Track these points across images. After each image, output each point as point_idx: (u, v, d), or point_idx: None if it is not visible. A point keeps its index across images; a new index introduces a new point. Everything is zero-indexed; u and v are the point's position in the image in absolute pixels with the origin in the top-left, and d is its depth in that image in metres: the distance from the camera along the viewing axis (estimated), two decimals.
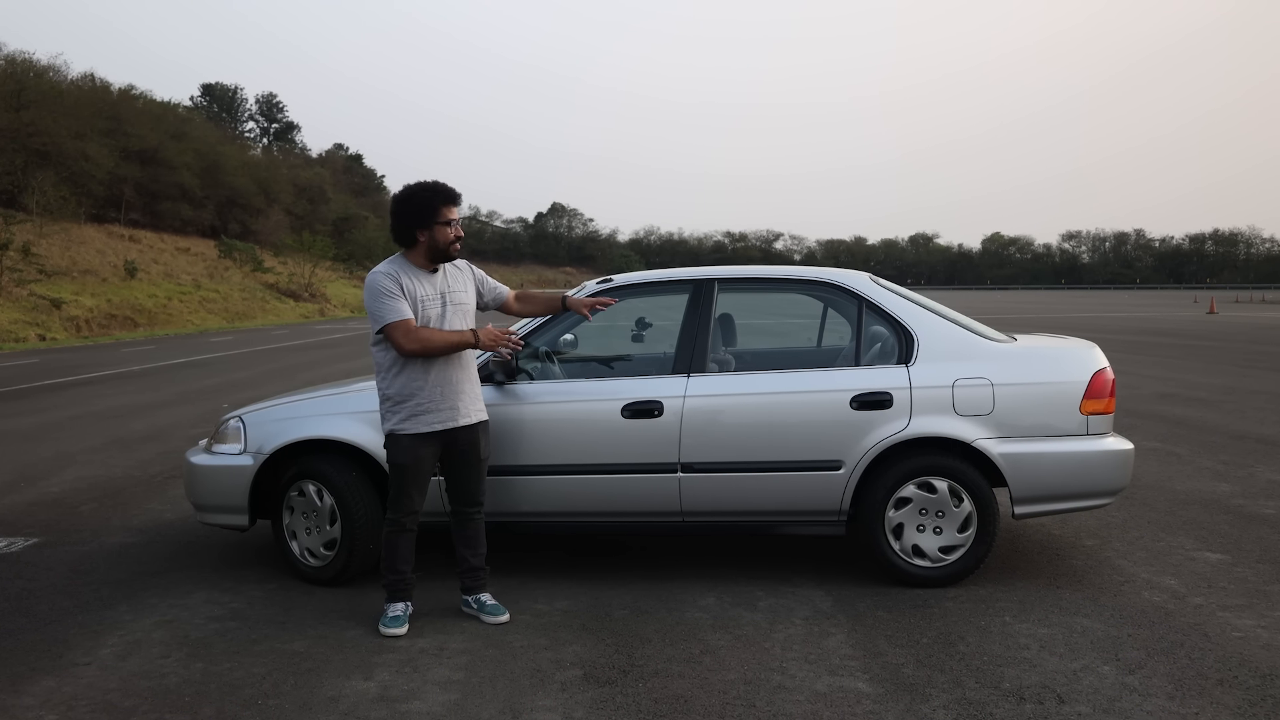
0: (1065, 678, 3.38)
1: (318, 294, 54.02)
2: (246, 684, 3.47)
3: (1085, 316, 34.78)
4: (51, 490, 6.91)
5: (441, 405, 3.95)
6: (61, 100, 45.05)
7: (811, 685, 3.36)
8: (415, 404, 3.94)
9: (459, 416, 3.99)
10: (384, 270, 3.97)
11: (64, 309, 30.44)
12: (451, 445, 4.03)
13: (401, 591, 4.06)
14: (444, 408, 3.95)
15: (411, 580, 4.09)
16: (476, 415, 4.08)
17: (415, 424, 3.94)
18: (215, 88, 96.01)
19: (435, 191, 3.97)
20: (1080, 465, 4.34)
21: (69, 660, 3.73)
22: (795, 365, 4.94)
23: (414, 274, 3.98)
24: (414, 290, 3.94)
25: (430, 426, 3.95)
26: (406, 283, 3.93)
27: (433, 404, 3.94)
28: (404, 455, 3.96)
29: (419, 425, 3.94)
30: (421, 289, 3.96)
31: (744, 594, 4.36)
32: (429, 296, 3.97)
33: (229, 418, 4.82)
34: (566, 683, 3.44)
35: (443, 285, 4.04)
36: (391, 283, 3.91)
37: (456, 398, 3.98)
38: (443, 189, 3.99)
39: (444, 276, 4.07)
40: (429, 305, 3.96)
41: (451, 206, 3.98)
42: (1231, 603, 4.11)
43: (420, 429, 3.94)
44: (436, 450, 4.02)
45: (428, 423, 3.95)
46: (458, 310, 4.04)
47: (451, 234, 3.97)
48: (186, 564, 5.00)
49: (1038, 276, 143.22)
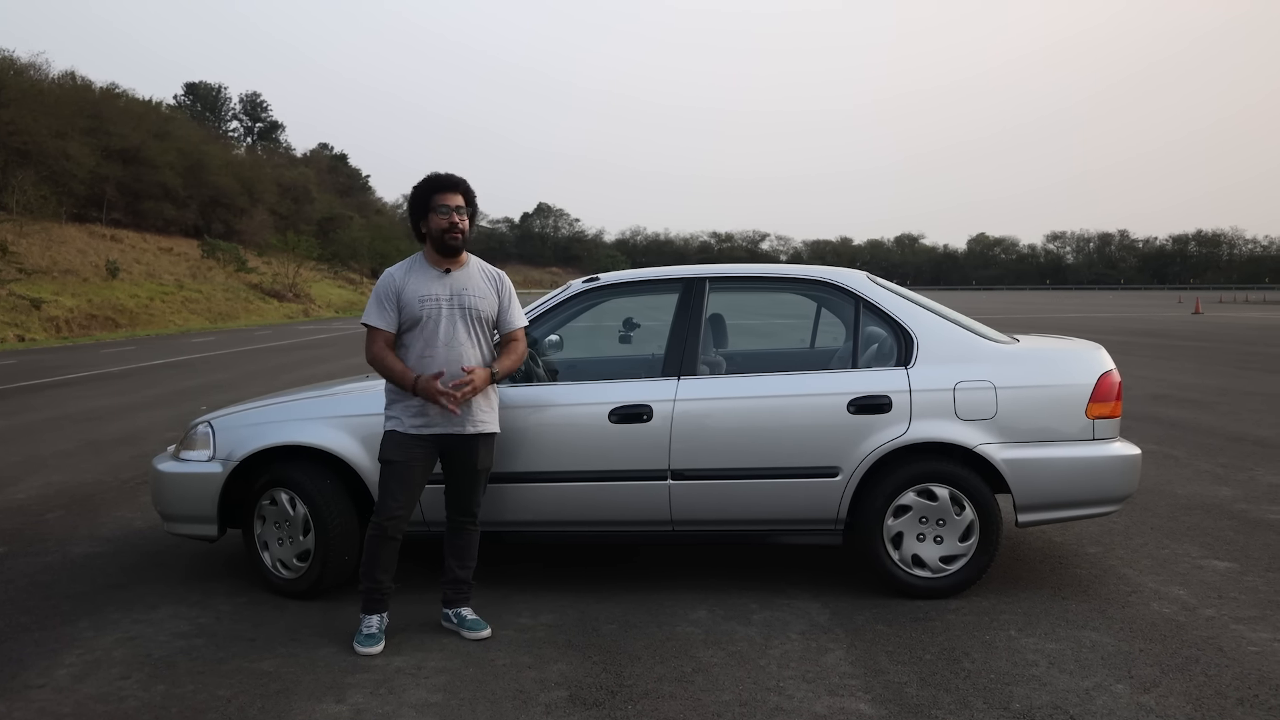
0: (1077, 697, 3.20)
1: (302, 294, 53.62)
2: (210, 708, 3.26)
3: (1072, 317, 34.77)
4: (18, 496, 6.66)
5: (436, 410, 3.77)
6: (42, 99, 44.51)
7: (810, 707, 3.18)
8: (411, 405, 3.81)
9: (453, 424, 3.80)
10: (393, 269, 3.95)
11: (44, 309, 30.03)
12: (450, 453, 3.87)
13: (377, 603, 3.86)
14: (437, 413, 3.77)
15: (389, 591, 3.89)
16: (476, 427, 3.85)
17: (409, 424, 3.80)
18: (199, 87, 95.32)
19: (428, 180, 3.90)
20: (1086, 471, 4.17)
21: (22, 682, 3.51)
22: (789, 367, 4.76)
23: (423, 272, 3.87)
24: (416, 290, 3.81)
25: (424, 429, 3.79)
26: (412, 282, 3.83)
27: (428, 407, 3.78)
28: (394, 451, 3.80)
29: (413, 426, 3.79)
30: (425, 288, 3.82)
31: (737, 607, 4.17)
32: (431, 296, 3.80)
33: (197, 423, 4.60)
34: (551, 704, 3.24)
35: (455, 287, 3.85)
36: (388, 286, 3.85)
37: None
38: (435, 177, 3.89)
39: (460, 279, 3.87)
40: (428, 305, 3.79)
41: (444, 194, 3.83)
42: (1244, 614, 3.95)
43: (413, 430, 3.79)
44: (431, 455, 3.85)
45: (421, 425, 3.79)
46: (465, 315, 3.83)
47: (444, 221, 3.80)
48: (153, 576, 4.78)
49: (1022, 277, 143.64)
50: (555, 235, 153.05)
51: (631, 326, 5.58)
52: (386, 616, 3.89)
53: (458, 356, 3.79)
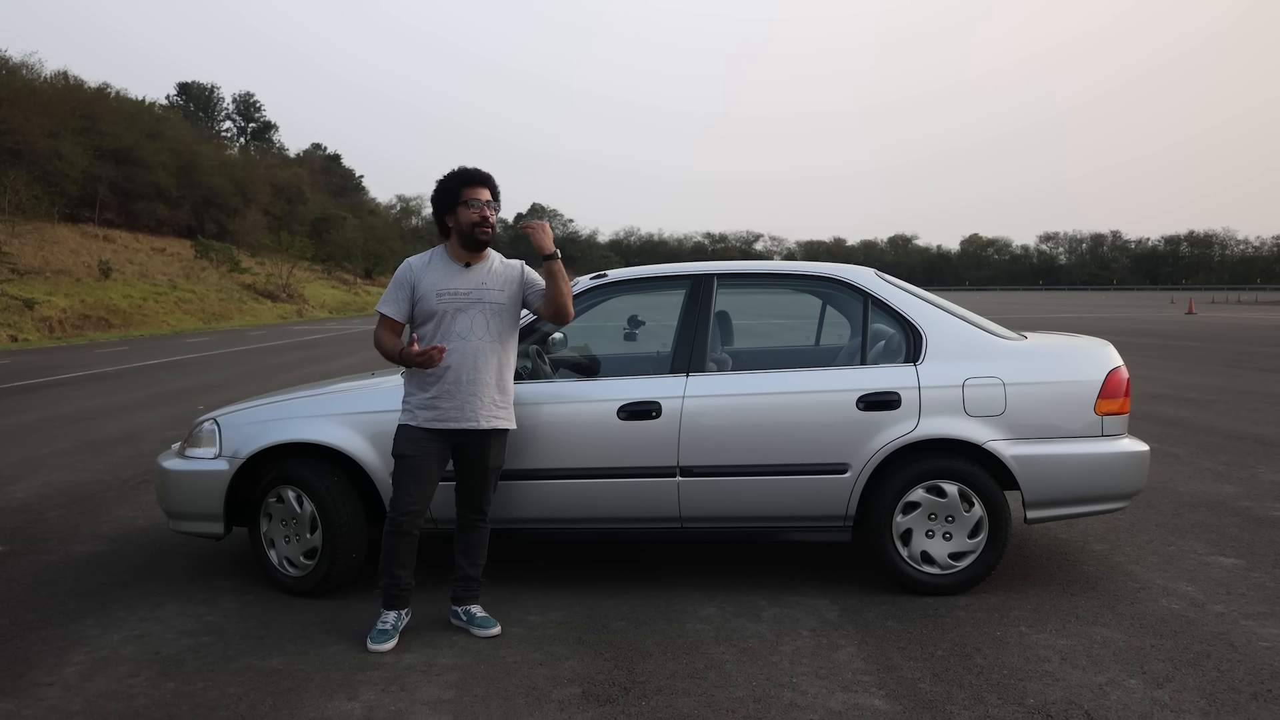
0: (1091, 693, 3.20)
1: (296, 295, 53.49)
2: (221, 705, 3.24)
3: (1067, 317, 34.85)
4: (18, 496, 6.63)
5: (449, 404, 3.77)
6: (34, 98, 44.38)
7: (825, 703, 3.17)
8: (424, 398, 3.80)
9: (465, 419, 3.78)
10: (413, 259, 3.94)
11: (37, 309, 29.91)
12: (461, 449, 3.85)
13: (396, 599, 3.84)
14: (449, 407, 3.77)
15: (409, 587, 3.87)
16: (489, 422, 3.83)
17: (422, 417, 3.79)
18: (192, 86, 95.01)
19: (456, 174, 3.88)
20: (1095, 467, 4.17)
21: (30, 680, 3.49)
22: (796, 365, 4.76)
23: (444, 265, 3.85)
24: (434, 283, 3.80)
25: (435, 424, 3.78)
26: (430, 274, 3.82)
27: (441, 401, 3.77)
28: (407, 446, 3.80)
29: (425, 420, 3.79)
30: (446, 282, 3.81)
31: (746, 604, 4.17)
32: (452, 290, 3.79)
33: (203, 420, 4.58)
34: (564, 701, 3.23)
35: (476, 281, 3.84)
36: (405, 275, 3.85)
37: (466, 399, 3.78)
38: (464, 170, 3.88)
39: (481, 273, 3.86)
40: (446, 300, 3.78)
41: (473, 187, 3.82)
42: (1254, 610, 3.95)
43: (424, 424, 3.78)
44: (444, 451, 3.83)
45: (432, 419, 3.78)
46: (485, 309, 3.82)
47: (475, 215, 3.79)
48: (159, 574, 4.76)
49: (1015, 277, 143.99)
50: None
51: (636, 324, 5.58)
52: (406, 614, 3.88)
53: (474, 350, 3.78)
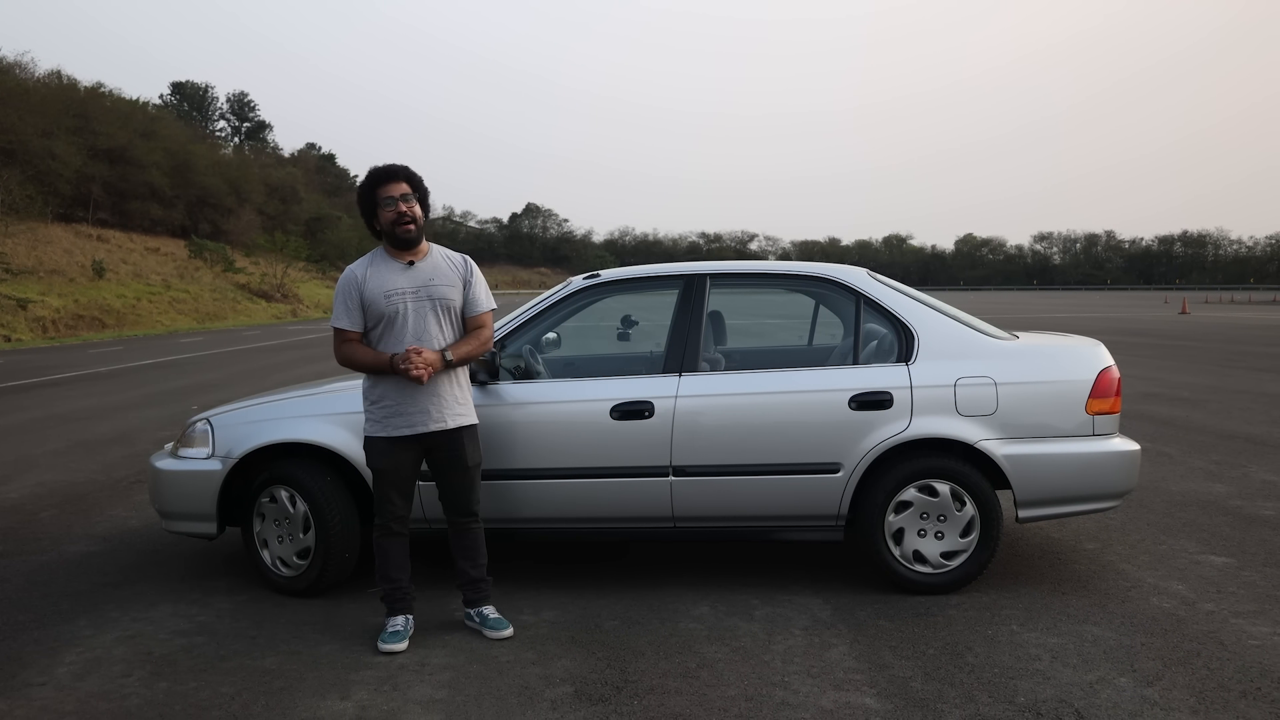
0: (1082, 690, 3.21)
1: (290, 294, 53.40)
2: (214, 705, 3.24)
3: (1061, 317, 34.92)
4: (10, 496, 6.61)
5: (412, 409, 3.70)
6: (28, 98, 44.27)
7: (817, 701, 3.18)
8: (385, 406, 3.73)
9: (431, 421, 3.72)
10: (354, 266, 3.82)
11: (30, 309, 29.82)
12: (433, 451, 3.81)
13: (399, 603, 3.83)
14: (414, 411, 3.71)
15: (409, 590, 3.86)
16: (456, 420, 3.78)
17: (387, 427, 3.73)
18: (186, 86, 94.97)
19: (368, 176, 3.79)
20: (1086, 467, 4.19)
21: (22, 680, 3.49)
22: (788, 364, 4.76)
23: (386, 267, 3.76)
24: (380, 285, 3.71)
25: (401, 430, 3.72)
26: (374, 277, 3.73)
27: (402, 407, 3.71)
28: (379, 460, 3.76)
29: (391, 429, 3.73)
30: (391, 282, 3.72)
31: (739, 603, 4.17)
32: (398, 290, 3.71)
33: (196, 420, 4.58)
34: (557, 700, 3.24)
35: (421, 278, 3.76)
36: (351, 285, 3.75)
37: (429, 401, 3.71)
38: (374, 170, 3.78)
39: (425, 269, 3.77)
40: (395, 300, 3.70)
41: (386, 185, 3.72)
42: (1244, 609, 3.97)
43: (392, 432, 3.73)
44: (417, 455, 3.80)
45: (398, 426, 3.72)
46: (435, 305, 3.74)
47: (391, 214, 3.70)
48: (151, 574, 4.76)
49: (1010, 277, 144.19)
50: (544, 236, 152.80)
51: (629, 324, 5.59)
52: (411, 618, 3.85)
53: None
